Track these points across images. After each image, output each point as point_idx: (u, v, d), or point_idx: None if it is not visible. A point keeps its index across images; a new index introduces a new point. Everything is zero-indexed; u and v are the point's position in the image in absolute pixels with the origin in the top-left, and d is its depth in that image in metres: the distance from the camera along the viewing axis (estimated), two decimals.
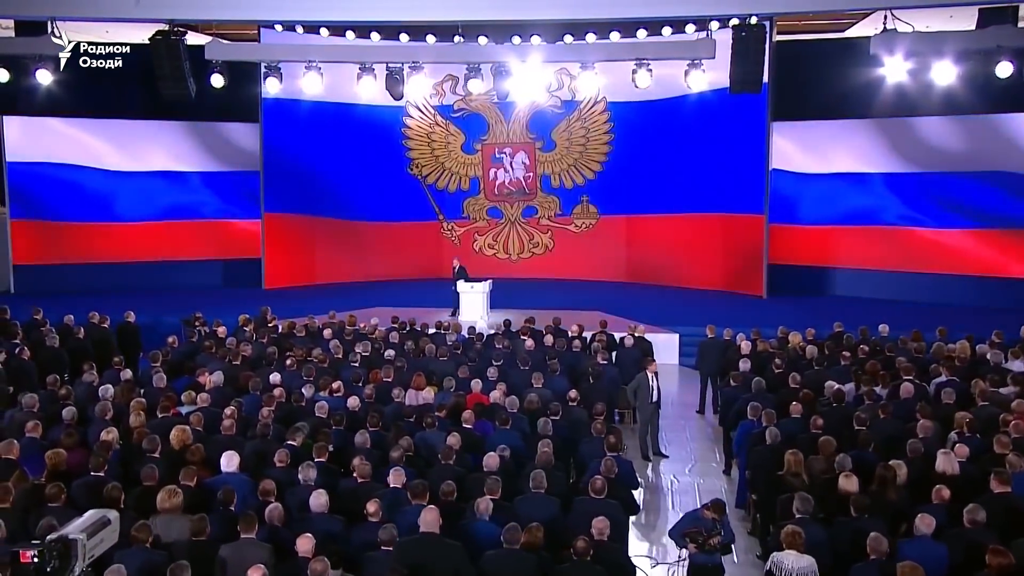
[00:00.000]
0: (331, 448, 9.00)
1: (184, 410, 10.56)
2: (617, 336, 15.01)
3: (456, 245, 25.34)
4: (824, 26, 21.19)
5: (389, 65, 17.14)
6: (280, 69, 17.24)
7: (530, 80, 18.61)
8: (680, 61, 16.97)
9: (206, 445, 9.12)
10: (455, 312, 19.00)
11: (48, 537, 6.48)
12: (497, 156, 24.90)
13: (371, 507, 7.50)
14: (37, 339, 14.20)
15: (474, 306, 18.78)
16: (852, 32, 21.53)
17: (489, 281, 19.17)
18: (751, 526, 10.13)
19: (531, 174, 24.85)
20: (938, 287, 21.35)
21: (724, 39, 16.40)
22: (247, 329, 15.13)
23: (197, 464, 8.54)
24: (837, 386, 11.01)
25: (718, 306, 20.88)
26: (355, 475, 8.47)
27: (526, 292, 21.85)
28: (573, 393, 11.02)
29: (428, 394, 11.09)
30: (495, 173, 25.00)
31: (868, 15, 19.56)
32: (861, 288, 22.30)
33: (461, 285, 18.86)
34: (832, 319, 15.79)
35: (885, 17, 15.02)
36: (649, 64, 16.31)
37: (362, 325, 15.38)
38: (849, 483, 8.01)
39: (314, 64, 16.77)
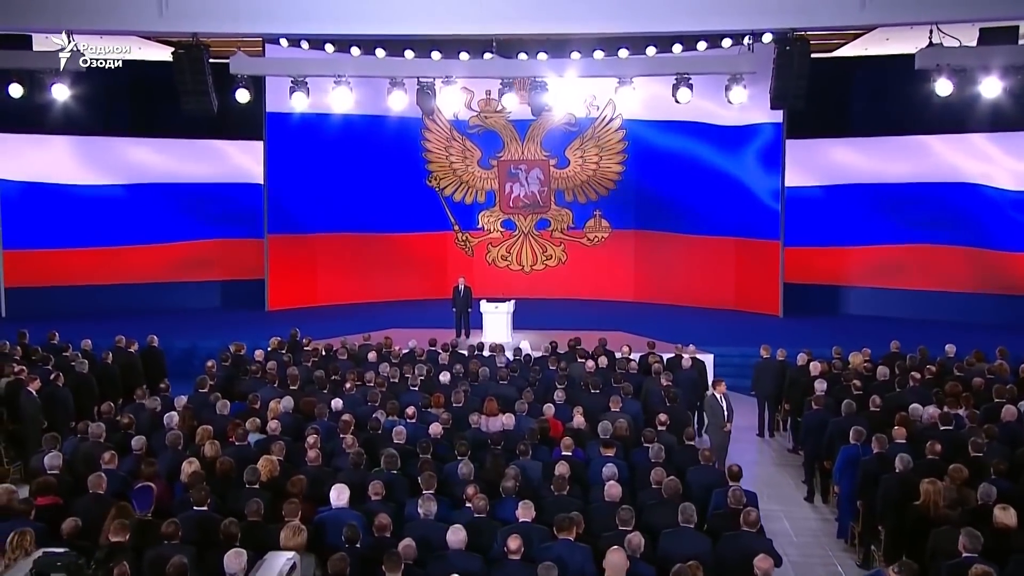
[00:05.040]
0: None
1: (252, 439, 9.92)
2: (664, 357, 14.54)
3: (469, 255, 24.98)
4: (815, 46, 21.00)
5: (420, 80, 16.62)
6: (307, 84, 16.56)
7: (564, 94, 18.22)
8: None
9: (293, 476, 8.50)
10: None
11: None
12: (513, 171, 24.57)
13: (512, 543, 6.93)
14: (63, 365, 13.46)
15: (498, 327, 18.14)
16: (845, 51, 21.53)
17: (512, 301, 18.60)
18: (860, 559, 9.68)
19: (545, 188, 24.56)
20: (955, 305, 21.30)
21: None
22: (283, 352, 14.47)
23: (298, 496, 7.93)
24: (937, 410, 10.61)
25: (737, 326, 20.57)
26: (469, 506, 7.91)
27: (541, 311, 21.24)
28: (663, 417, 10.46)
29: (508, 419, 10.51)
30: (511, 187, 24.70)
31: (862, 35, 19.65)
32: (875, 307, 22.18)
33: (484, 305, 18.25)
34: (854, 338, 15.63)
35: (931, 31, 14.88)
36: (690, 79, 16.00)
37: (397, 347, 14.79)
38: (1007, 516, 7.48)
39: (344, 79, 16.19)
